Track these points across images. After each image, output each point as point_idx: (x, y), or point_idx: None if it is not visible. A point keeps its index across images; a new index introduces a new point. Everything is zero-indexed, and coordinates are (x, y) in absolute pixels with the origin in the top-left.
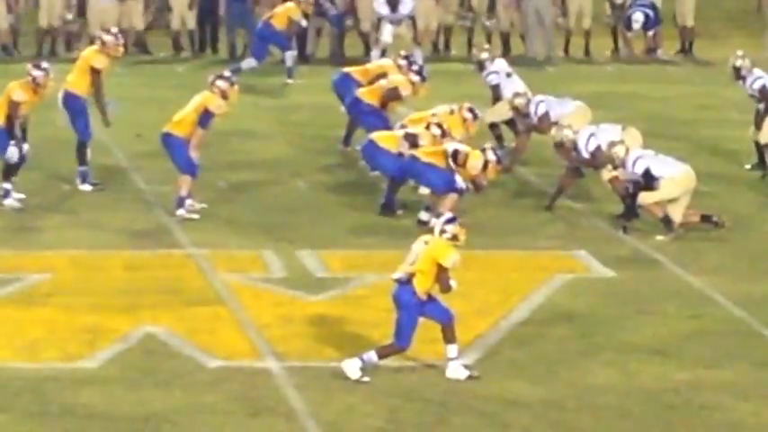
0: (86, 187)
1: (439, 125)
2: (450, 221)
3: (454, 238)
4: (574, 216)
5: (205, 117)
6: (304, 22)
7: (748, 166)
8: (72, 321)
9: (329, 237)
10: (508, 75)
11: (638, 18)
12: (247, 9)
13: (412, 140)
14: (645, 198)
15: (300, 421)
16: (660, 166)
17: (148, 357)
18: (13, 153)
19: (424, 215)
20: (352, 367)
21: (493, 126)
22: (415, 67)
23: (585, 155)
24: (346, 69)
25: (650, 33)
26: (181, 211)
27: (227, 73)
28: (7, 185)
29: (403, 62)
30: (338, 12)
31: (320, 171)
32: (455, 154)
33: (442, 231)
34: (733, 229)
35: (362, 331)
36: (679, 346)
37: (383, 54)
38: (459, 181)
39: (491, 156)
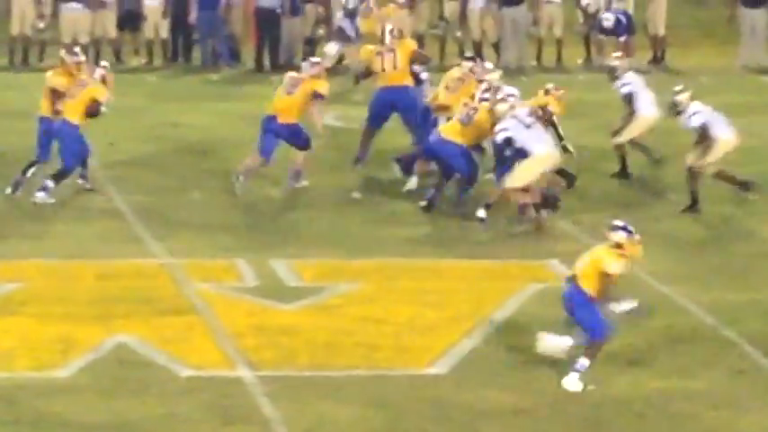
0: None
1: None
2: (616, 229)
3: (618, 246)
4: (546, 226)
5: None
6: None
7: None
8: (44, 331)
9: (302, 246)
10: None
11: (608, 17)
12: (218, 18)
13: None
14: (510, 182)
15: (273, 430)
16: (529, 142)
17: (121, 367)
18: None
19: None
20: (572, 382)
21: None
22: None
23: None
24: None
25: (621, 39)
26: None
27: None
28: None
29: (469, 63)
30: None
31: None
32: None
33: (610, 238)
34: (705, 238)
35: (335, 340)
36: (651, 354)
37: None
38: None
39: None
